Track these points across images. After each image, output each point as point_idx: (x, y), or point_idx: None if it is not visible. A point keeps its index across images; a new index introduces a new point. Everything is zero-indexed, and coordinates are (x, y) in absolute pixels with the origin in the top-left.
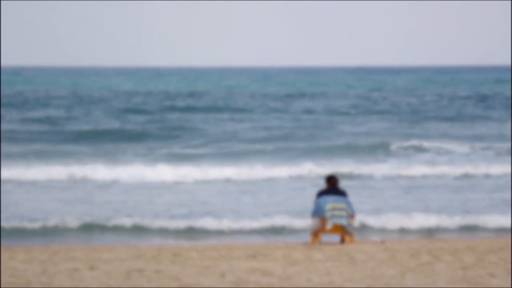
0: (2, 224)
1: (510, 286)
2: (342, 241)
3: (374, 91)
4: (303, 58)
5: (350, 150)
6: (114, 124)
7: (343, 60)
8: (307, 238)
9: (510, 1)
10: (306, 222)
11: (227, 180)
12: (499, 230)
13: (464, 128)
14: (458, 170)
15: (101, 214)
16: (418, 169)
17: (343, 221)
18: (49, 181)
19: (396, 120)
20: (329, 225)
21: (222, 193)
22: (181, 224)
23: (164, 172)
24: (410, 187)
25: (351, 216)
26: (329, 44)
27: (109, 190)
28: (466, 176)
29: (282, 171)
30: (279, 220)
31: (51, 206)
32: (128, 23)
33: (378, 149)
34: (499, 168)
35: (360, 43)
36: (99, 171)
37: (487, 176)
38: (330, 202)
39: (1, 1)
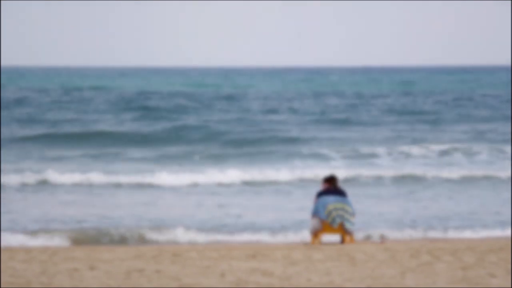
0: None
1: (510, 286)
2: (342, 241)
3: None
4: (303, 58)
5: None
6: (121, 126)
7: (342, 60)
8: (307, 238)
9: (510, 1)
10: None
11: (230, 185)
12: None
13: None
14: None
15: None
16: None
17: (346, 222)
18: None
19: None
20: (335, 224)
21: (230, 199)
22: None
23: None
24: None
25: (352, 215)
26: (329, 44)
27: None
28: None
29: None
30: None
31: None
32: (128, 23)
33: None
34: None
35: (360, 43)
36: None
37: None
38: (331, 203)
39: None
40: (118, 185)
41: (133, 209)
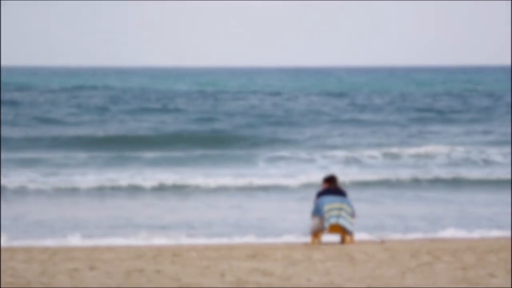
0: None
1: (510, 286)
2: (342, 241)
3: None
4: (302, 58)
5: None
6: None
7: (342, 60)
8: (307, 238)
9: (510, 1)
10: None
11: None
12: None
13: None
14: None
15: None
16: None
17: (343, 221)
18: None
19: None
20: (326, 226)
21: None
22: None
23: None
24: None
25: (352, 215)
26: (331, 45)
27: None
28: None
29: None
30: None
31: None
32: (128, 23)
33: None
34: None
35: (360, 43)
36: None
37: None
38: (330, 202)
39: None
40: (139, 188)
41: (141, 212)
